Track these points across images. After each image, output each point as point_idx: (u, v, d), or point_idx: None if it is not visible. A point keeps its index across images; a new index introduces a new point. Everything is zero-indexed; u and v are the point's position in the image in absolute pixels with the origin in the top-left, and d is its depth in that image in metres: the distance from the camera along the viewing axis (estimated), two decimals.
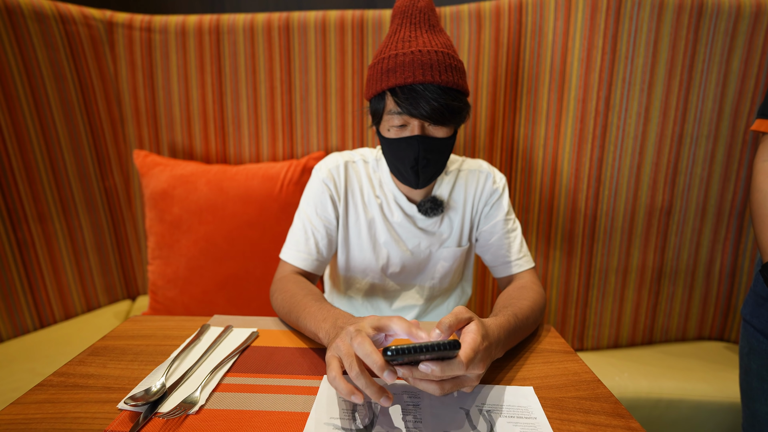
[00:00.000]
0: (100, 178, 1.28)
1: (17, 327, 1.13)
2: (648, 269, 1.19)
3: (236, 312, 1.18)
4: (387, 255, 0.87)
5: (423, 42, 0.70)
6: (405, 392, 0.54)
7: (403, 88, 0.69)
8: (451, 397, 0.53)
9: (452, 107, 0.70)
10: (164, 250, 1.19)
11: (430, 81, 0.68)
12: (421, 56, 0.68)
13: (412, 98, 0.68)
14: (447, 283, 0.93)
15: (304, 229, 0.83)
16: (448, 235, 0.88)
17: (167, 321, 0.73)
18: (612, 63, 1.04)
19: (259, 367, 0.59)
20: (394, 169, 0.81)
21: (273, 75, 1.25)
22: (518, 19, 1.13)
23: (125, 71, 1.27)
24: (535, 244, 1.24)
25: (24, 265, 1.13)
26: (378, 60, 0.73)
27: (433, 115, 0.69)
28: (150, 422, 0.47)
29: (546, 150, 1.16)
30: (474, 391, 0.54)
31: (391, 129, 0.74)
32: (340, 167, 0.86)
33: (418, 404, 0.52)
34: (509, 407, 0.52)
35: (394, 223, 0.87)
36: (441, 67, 0.69)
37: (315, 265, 0.83)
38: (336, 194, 0.85)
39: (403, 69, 0.69)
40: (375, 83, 0.73)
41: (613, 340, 1.25)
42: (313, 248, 0.82)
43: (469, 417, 0.50)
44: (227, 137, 1.31)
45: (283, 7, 1.45)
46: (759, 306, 0.78)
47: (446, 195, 0.87)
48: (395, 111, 0.71)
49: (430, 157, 0.74)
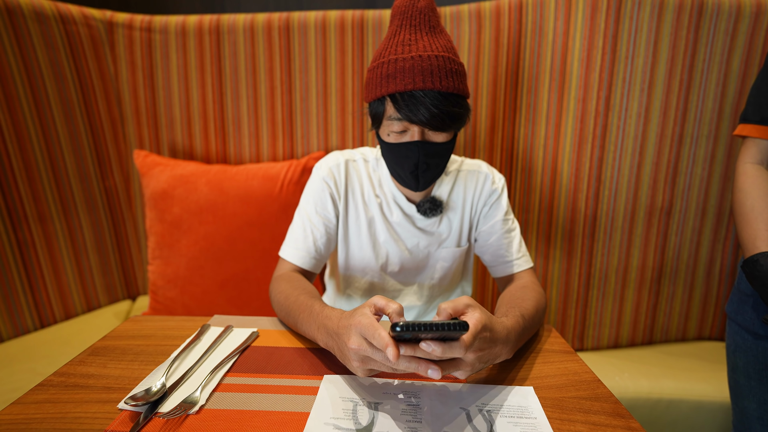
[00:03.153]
0: (100, 178, 1.28)
1: (17, 327, 1.13)
2: (648, 269, 1.19)
3: (236, 312, 1.18)
4: (386, 254, 0.88)
5: (423, 46, 0.69)
6: (404, 392, 0.54)
7: (403, 94, 0.68)
8: (451, 397, 0.53)
9: (452, 113, 0.70)
10: (164, 250, 1.19)
11: (430, 87, 0.67)
12: (421, 62, 0.68)
13: (412, 105, 0.68)
14: (447, 283, 0.93)
15: (303, 227, 0.84)
16: (447, 235, 0.88)
17: (167, 321, 0.73)
18: (612, 63, 1.04)
19: (259, 367, 0.59)
20: (393, 173, 0.81)
21: (273, 75, 1.25)
22: (518, 19, 1.13)
23: (125, 71, 1.27)
24: (535, 244, 1.24)
25: (24, 265, 1.13)
26: (378, 63, 0.72)
27: (433, 122, 0.69)
28: (150, 422, 0.47)
29: (546, 150, 1.16)
30: (474, 391, 0.54)
31: (391, 134, 0.74)
32: (341, 165, 0.86)
33: (418, 404, 0.52)
34: (509, 407, 0.52)
35: (393, 222, 0.87)
36: (441, 72, 0.68)
37: (312, 263, 0.83)
38: (336, 192, 0.85)
39: (404, 75, 0.68)
40: (375, 88, 0.72)
41: (613, 340, 1.25)
42: (311, 246, 0.83)
43: (469, 417, 0.50)
44: (227, 137, 1.31)
45: (283, 7, 1.45)
46: (743, 303, 0.79)
47: (445, 195, 0.87)
48: (395, 117, 0.71)
49: (430, 161, 0.74)
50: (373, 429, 0.47)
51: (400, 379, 0.57)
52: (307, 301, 0.66)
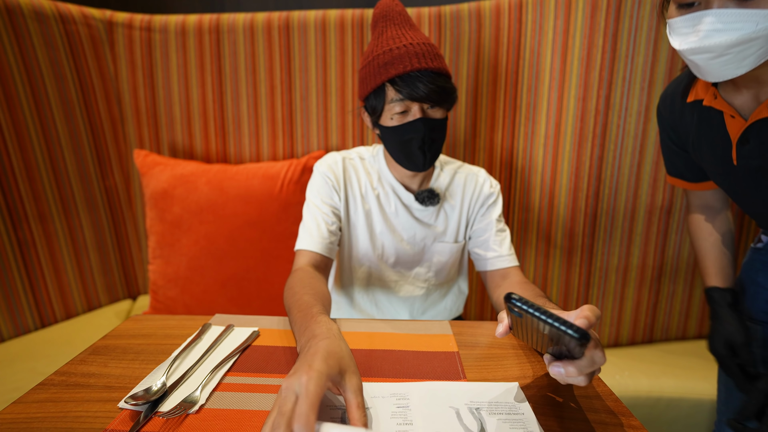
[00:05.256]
0: (100, 177, 1.28)
1: (18, 326, 1.13)
2: (648, 268, 1.19)
3: (237, 311, 1.18)
4: (382, 245, 0.91)
5: (410, 37, 0.79)
6: (393, 395, 0.53)
7: (402, 76, 0.76)
8: (440, 397, 0.53)
9: (446, 88, 0.78)
10: (165, 250, 1.19)
11: (425, 67, 0.76)
12: (413, 48, 0.77)
13: (412, 84, 0.76)
14: (443, 278, 0.96)
15: (314, 217, 0.86)
16: (443, 229, 0.92)
17: (168, 320, 0.73)
18: (612, 62, 1.04)
19: (259, 366, 0.59)
20: (400, 156, 0.84)
21: (273, 74, 1.25)
22: (518, 17, 1.13)
23: (125, 71, 1.27)
24: (535, 244, 1.24)
25: (25, 265, 1.13)
26: (372, 58, 0.80)
27: (432, 96, 0.76)
28: (150, 421, 0.47)
29: (546, 149, 1.16)
30: (461, 389, 0.54)
31: (394, 117, 0.80)
32: (338, 162, 0.91)
33: (407, 406, 0.51)
34: (497, 404, 0.52)
35: (390, 213, 0.91)
36: (430, 55, 0.77)
37: (327, 247, 0.85)
38: (336, 185, 0.89)
39: (401, 60, 0.76)
40: (373, 78, 0.79)
41: (613, 338, 1.25)
42: (325, 231, 0.85)
43: (459, 416, 0.50)
44: (227, 137, 1.31)
45: (283, 7, 1.45)
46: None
47: (443, 188, 0.92)
48: (397, 99, 0.78)
49: (435, 136, 0.81)
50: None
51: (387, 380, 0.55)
52: (306, 308, 0.63)
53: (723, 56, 0.57)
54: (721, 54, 0.56)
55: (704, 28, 0.56)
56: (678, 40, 0.61)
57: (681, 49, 0.61)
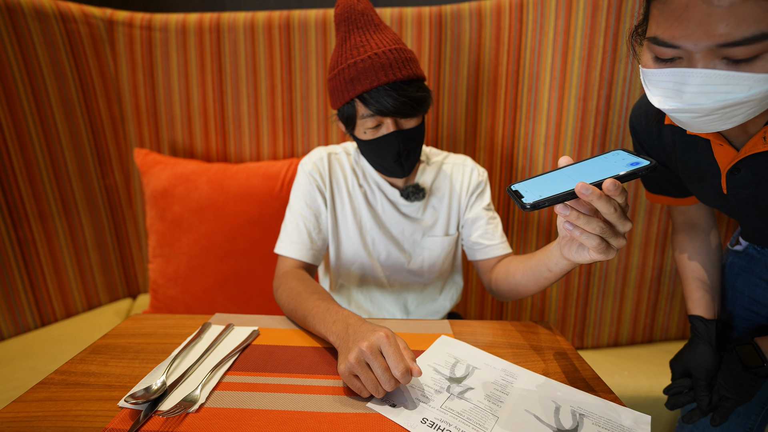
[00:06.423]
0: (100, 176, 1.28)
1: (18, 325, 1.13)
2: (648, 268, 1.19)
3: (237, 310, 1.19)
4: (372, 241, 0.91)
5: (375, 44, 0.75)
6: (503, 369, 0.60)
7: (369, 92, 0.74)
8: (546, 390, 0.55)
9: (417, 98, 0.75)
10: (165, 249, 1.19)
11: (393, 79, 0.73)
12: (378, 59, 0.73)
13: (381, 99, 0.73)
14: (436, 273, 0.95)
15: (296, 222, 0.86)
16: (432, 223, 0.92)
17: (168, 319, 0.73)
18: (613, 62, 1.03)
19: (259, 365, 0.59)
20: (377, 166, 0.85)
21: (274, 73, 1.25)
22: (519, 17, 1.13)
23: (126, 69, 1.27)
24: (535, 243, 1.24)
25: (25, 264, 1.13)
26: (338, 71, 0.77)
27: (403, 109, 0.74)
28: (150, 420, 0.48)
29: (547, 149, 1.15)
30: (571, 393, 0.55)
31: (367, 131, 0.78)
32: (324, 159, 0.90)
33: (511, 383, 0.56)
34: (608, 421, 0.50)
35: (378, 210, 0.91)
36: (398, 63, 0.74)
37: (312, 255, 0.85)
38: (322, 184, 0.89)
39: (366, 74, 0.73)
40: (341, 94, 0.77)
41: (613, 338, 1.25)
42: (306, 238, 0.85)
43: (558, 411, 0.51)
44: (228, 136, 1.31)
45: (284, 6, 1.45)
46: None
47: (428, 183, 0.92)
48: (367, 114, 0.76)
49: (410, 146, 0.80)
50: (463, 381, 0.55)
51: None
52: (319, 299, 0.67)
53: (709, 116, 0.51)
54: (708, 114, 0.50)
55: (690, 90, 0.49)
56: (658, 98, 0.54)
57: (662, 108, 0.54)
